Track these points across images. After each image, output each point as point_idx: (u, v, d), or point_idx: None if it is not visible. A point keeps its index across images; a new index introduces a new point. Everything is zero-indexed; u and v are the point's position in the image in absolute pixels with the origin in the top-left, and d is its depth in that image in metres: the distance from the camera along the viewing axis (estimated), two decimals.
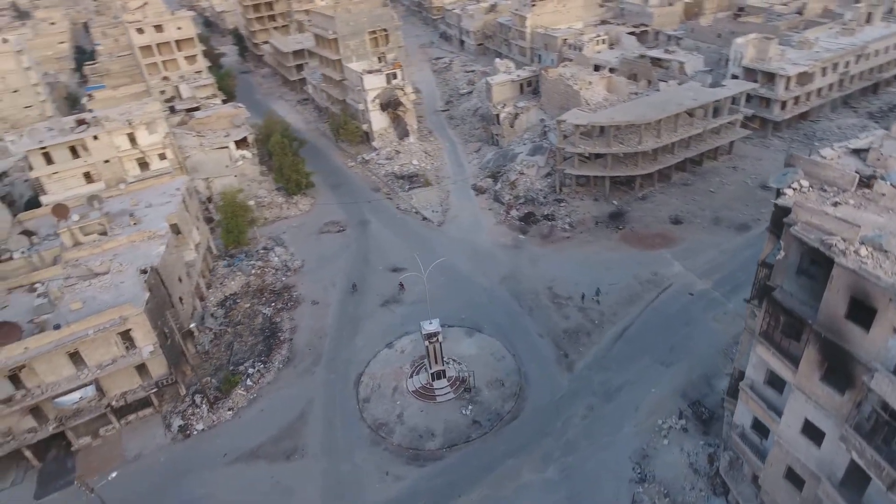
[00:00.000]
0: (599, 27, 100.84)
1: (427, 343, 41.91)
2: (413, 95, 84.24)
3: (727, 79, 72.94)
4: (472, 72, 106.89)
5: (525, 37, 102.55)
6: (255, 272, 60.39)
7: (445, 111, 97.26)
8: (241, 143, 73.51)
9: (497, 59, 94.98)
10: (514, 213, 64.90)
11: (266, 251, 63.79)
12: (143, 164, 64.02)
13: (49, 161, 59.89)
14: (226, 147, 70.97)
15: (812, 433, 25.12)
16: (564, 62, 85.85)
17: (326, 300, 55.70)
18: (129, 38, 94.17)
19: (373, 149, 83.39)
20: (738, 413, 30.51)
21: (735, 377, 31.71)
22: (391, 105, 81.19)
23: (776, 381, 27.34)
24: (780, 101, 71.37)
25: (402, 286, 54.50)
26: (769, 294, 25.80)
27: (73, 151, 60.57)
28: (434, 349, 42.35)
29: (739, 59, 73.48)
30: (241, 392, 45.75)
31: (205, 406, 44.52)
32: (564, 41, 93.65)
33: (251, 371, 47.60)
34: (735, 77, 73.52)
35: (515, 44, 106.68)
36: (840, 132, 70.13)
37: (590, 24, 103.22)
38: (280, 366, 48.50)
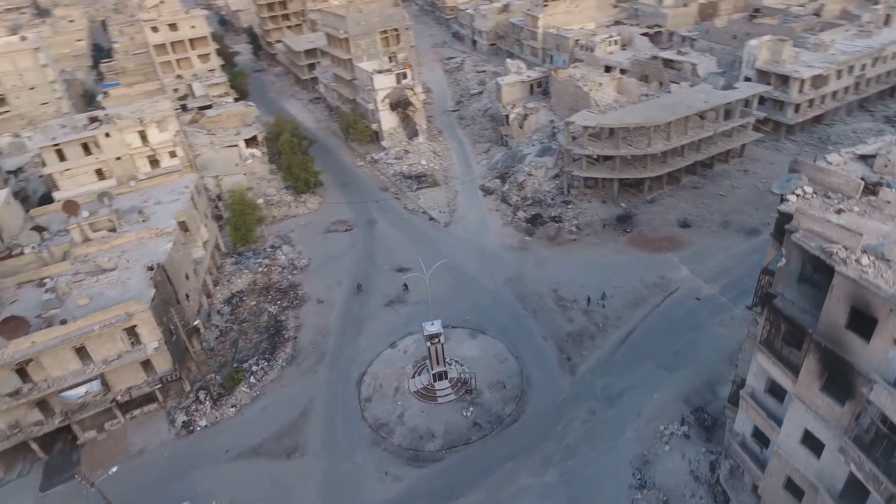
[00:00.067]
0: (612, 28, 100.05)
1: (429, 344, 41.89)
2: (423, 95, 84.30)
3: (740, 81, 72.02)
4: (484, 72, 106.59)
5: (537, 37, 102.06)
6: (262, 270, 60.78)
7: (456, 111, 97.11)
8: (251, 142, 74.08)
9: (508, 60, 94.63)
10: (522, 215, 64.65)
11: (273, 249, 64.17)
12: (154, 162, 64.71)
13: (62, 158, 60.82)
14: (236, 145, 71.58)
15: (812, 444, 24.74)
16: (576, 63, 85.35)
17: (331, 299, 55.90)
18: (145, 37, 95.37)
19: (382, 148, 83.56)
20: (739, 421, 30.12)
21: (737, 384, 31.30)
22: (401, 105, 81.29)
23: (777, 390, 26.94)
24: (794, 104, 70.31)
25: (407, 287, 54.52)
26: (770, 301, 25.44)
27: (86, 148, 61.39)
28: (436, 350, 42.31)
29: (753, 62, 72.49)
30: (245, 389, 46.10)
31: (208, 402, 44.90)
32: (576, 42, 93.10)
33: (255, 369, 47.92)
34: (748, 79, 72.54)
35: (527, 44, 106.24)
36: (855, 136, 68.90)
37: (602, 25, 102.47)
38: (284, 364, 48.77)
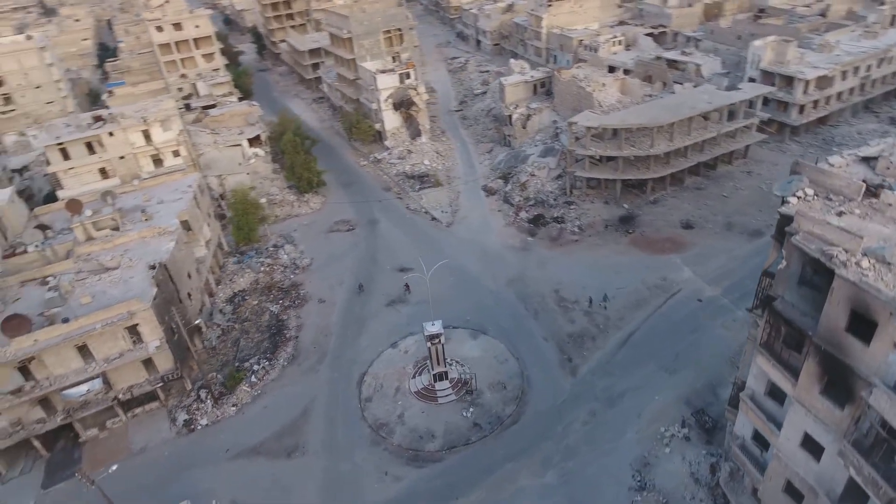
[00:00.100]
0: (617, 28, 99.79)
1: (429, 344, 41.86)
2: (426, 95, 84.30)
3: (744, 82, 71.67)
4: (487, 72, 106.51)
5: (541, 37, 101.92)
6: (265, 269, 60.90)
7: (459, 111, 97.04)
8: (255, 141, 74.24)
9: (512, 60, 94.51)
10: (524, 215, 64.57)
11: (276, 249, 64.27)
12: (158, 161, 64.93)
13: (66, 157, 61.10)
14: (239, 145, 71.77)
15: (811, 447, 24.66)
16: (579, 63, 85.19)
17: (333, 299, 55.95)
18: (150, 36, 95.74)
19: (385, 148, 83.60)
20: (739, 424, 30.03)
21: (737, 387, 31.18)
22: (404, 105, 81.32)
23: (777, 393, 26.84)
24: (799, 105, 69.93)
25: (408, 287, 54.50)
26: (770, 304, 25.33)
27: (90, 147, 61.66)
28: (436, 350, 42.30)
29: (757, 62, 72.16)
30: (246, 388, 46.19)
31: (209, 401, 45.02)
32: (580, 42, 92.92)
33: (256, 368, 48.01)
34: (752, 80, 72.20)
35: (531, 44, 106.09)
36: (860, 137, 68.45)
37: (607, 25, 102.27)
38: (285, 363, 48.84)
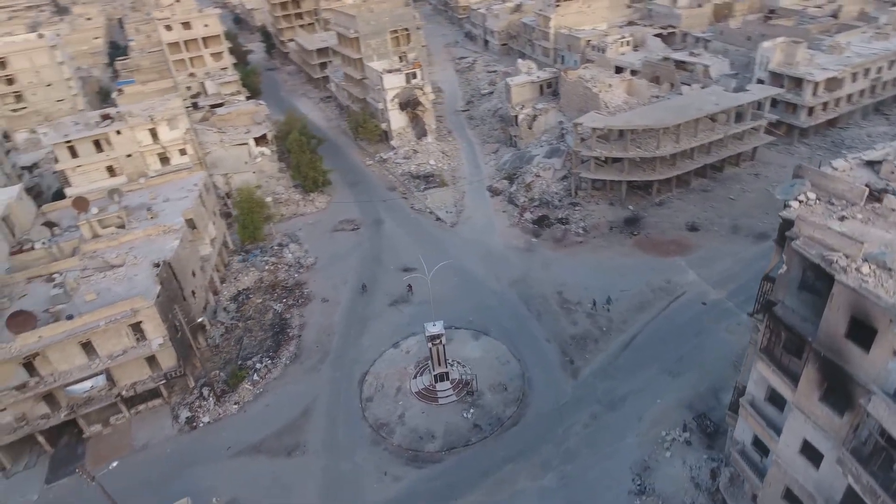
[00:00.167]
0: (625, 28, 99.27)
1: (430, 345, 41.87)
2: (432, 95, 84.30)
3: (753, 83, 71.05)
4: (495, 72, 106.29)
5: (548, 37, 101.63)
6: (269, 268, 61.16)
7: (466, 111, 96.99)
8: (261, 140, 74.51)
9: (519, 60, 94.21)
10: (528, 216, 64.40)
11: (280, 247, 64.54)
12: (164, 159, 65.40)
13: (74, 154, 61.74)
14: (245, 143, 72.05)
15: (810, 454, 24.37)
16: (586, 64, 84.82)
17: (336, 298, 56.09)
18: (159, 35, 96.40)
19: (391, 148, 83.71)
20: (739, 429, 29.75)
21: (738, 392, 30.91)
22: (410, 104, 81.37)
23: (777, 399, 26.57)
24: (808, 107, 69.24)
25: (411, 288, 54.50)
26: (770, 309, 25.09)
27: (97, 145, 62.29)
28: (437, 351, 42.28)
29: (766, 64, 71.52)
30: (248, 387, 46.40)
31: (212, 399, 45.27)
32: (588, 42, 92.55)
33: (259, 366, 48.22)
34: (761, 81, 71.58)
35: (539, 44, 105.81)
36: (870, 140, 67.74)
37: (615, 26, 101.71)
38: (287, 362, 49.01)
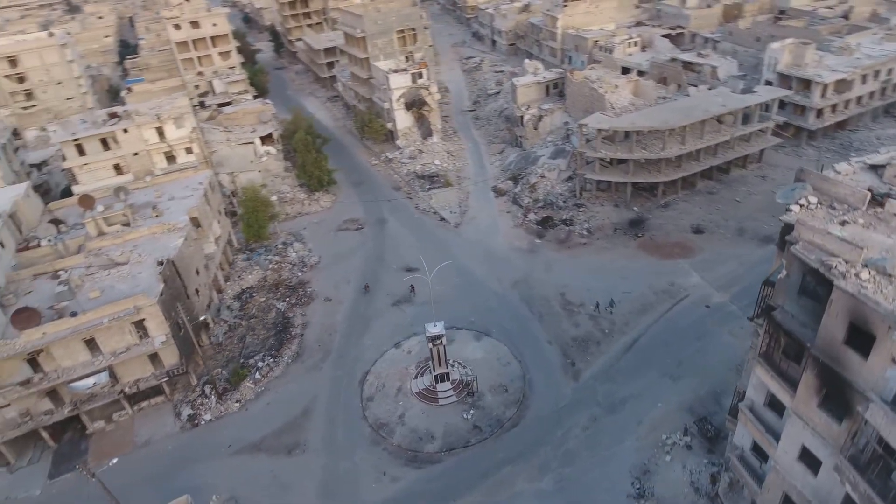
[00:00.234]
0: (633, 29, 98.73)
1: (431, 345, 41.85)
2: (438, 95, 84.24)
3: (761, 84, 70.46)
4: (502, 72, 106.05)
5: (556, 38, 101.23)
6: (273, 267, 61.39)
7: (472, 111, 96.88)
8: (267, 139, 74.83)
9: (526, 60, 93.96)
10: (532, 217, 64.22)
11: (285, 246, 64.76)
12: (171, 158, 65.84)
13: (81, 152, 62.22)
14: (251, 142, 72.36)
15: (809, 461, 24.17)
16: (592, 64, 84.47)
17: (339, 297, 56.21)
18: (168, 34, 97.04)
19: (396, 147, 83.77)
20: (738, 434, 29.53)
21: (738, 396, 30.67)
22: (416, 104, 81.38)
23: (776, 404, 26.34)
24: (816, 109, 68.55)
25: (413, 288, 54.49)
26: (769, 314, 24.86)
27: (104, 144, 62.78)
28: (438, 352, 42.26)
29: (774, 65, 70.89)
30: (250, 385, 46.60)
31: (213, 397, 45.49)
32: (595, 43, 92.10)
33: (260, 365, 48.40)
34: (769, 83, 70.96)
35: (546, 44, 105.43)
36: (879, 143, 66.92)
37: (623, 26, 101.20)
38: (289, 361, 49.16)
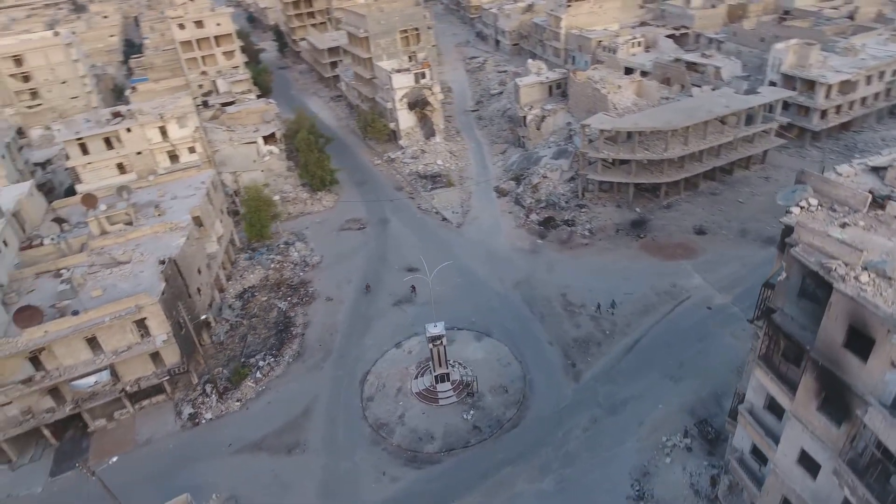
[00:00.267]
0: (637, 29, 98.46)
1: (431, 346, 41.85)
2: (440, 95, 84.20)
3: (765, 85, 70.16)
4: (505, 72, 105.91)
5: (559, 38, 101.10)
6: (275, 266, 61.49)
7: (475, 111, 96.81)
8: (270, 139, 74.94)
9: (529, 60, 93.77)
10: (534, 217, 64.13)
11: (287, 246, 64.85)
12: (174, 157, 66.05)
13: (85, 151, 62.47)
14: (254, 142, 72.50)
15: (808, 464, 24.04)
16: (595, 65, 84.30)
17: (340, 297, 56.27)
18: (172, 33, 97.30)
19: (399, 147, 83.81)
20: (738, 437, 29.41)
21: (738, 399, 30.55)
22: (418, 104, 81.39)
23: (776, 407, 26.22)
24: (820, 110, 68.18)
25: (414, 289, 54.48)
26: (769, 316, 24.76)
27: (108, 143, 63.02)
28: (438, 352, 42.25)
29: (778, 66, 70.55)
30: (250, 384, 46.70)
31: (214, 396, 45.62)
32: (599, 43, 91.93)
33: (262, 364, 48.50)
34: (773, 84, 70.66)
35: (550, 45, 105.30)
36: (884, 144, 66.59)
37: (627, 26, 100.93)
38: (290, 360, 49.25)
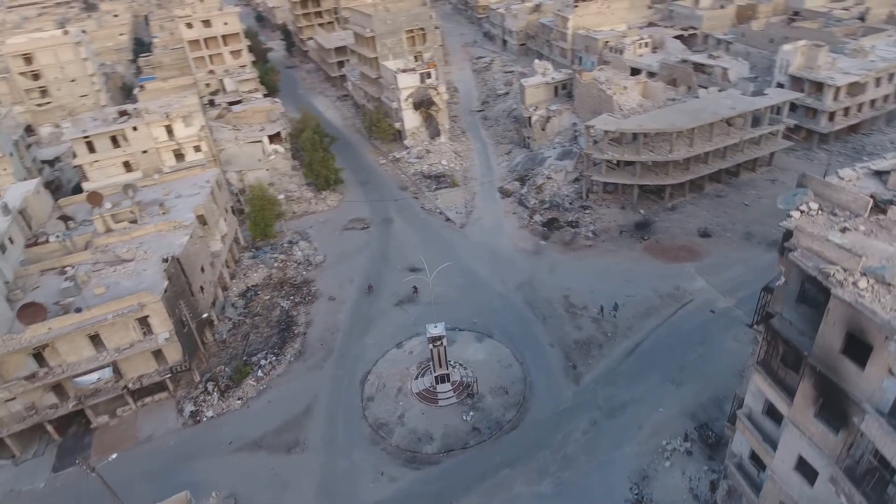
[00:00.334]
0: (645, 30, 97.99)
1: (431, 346, 41.84)
2: (446, 95, 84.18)
3: (773, 86, 69.61)
4: (511, 72, 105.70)
5: (566, 38, 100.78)
6: (278, 265, 61.71)
7: (481, 111, 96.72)
8: (275, 138, 75.21)
9: (536, 61, 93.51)
10: (538, 218, 63.95)
11: (290, 245, 65.08)
12: (179, 156, 66.45)
13: (91, 150, 62.97)
14: (259, 141, 72.78)
15: (806, 471, 23.83)
16: (601, 66, 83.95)
17: (343, 297, 56.38)
18: (180, 32, 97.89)
19: (404, 147, 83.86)
20: (736, 442, 29.19)
21: (737, 403, 30.32)
22: (424, 104, 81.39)
23: (774, 413, 26.00)
24: (828, 113, 67.53)
25: (416, 289, 54.50)
26: (767, 321, 24.54)
27: (114, 141, 63.49)
28: (438, 353, 42.24)
29: (786, 67, 69.96)
30: (252, 382, 46.86)
31: (216, 394, 45.84)
32: (605, 43, 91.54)
33: (263, 362, 48.67)
34: (780, 85, 70.07)
35: (557, 45, 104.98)
36: (893, 147, 65.93)
37: (635, 27, 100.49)
38: (291, 359, 49.39)
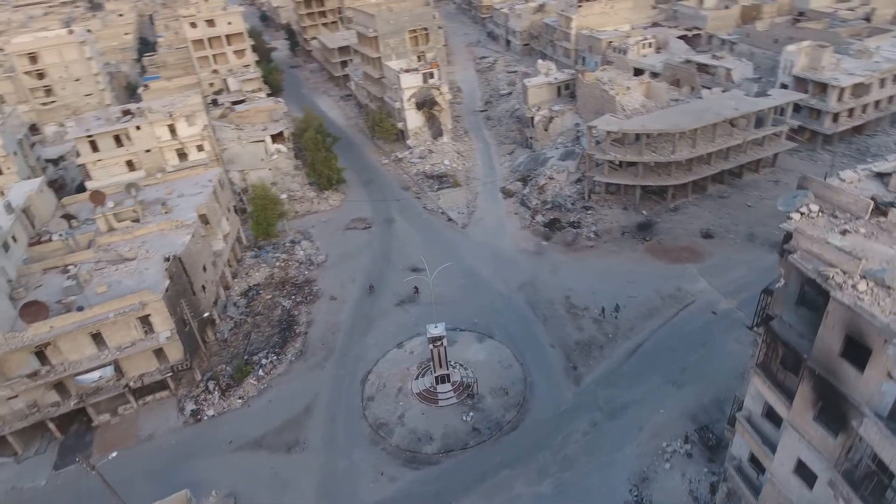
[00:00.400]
0: (649, 30, 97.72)
1: (431, 347, 41.85)
2: (449, 95, 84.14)
3: (777, 87, 69.33)
4: (515, 72, 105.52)
5: (570, 38, 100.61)
6: (280, 264, 61.80)
7: (484, 111, 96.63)
8: (278, 138, 75.33)
9: (539, 61, 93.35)
10: (540, 219, 63.86)
11: (293, 244, 65.17)
12: (182, 155, 66.65)
13: (95, 149, 63.23)
14: (262, 140, 72.92)
15: (805, 474, 23.73)
16: (604, 66, 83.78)
17: (344, 296, 56.44)
18: (184, 32, 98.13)
19: (407, 147, 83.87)
20: (736, 445, 29.10)
21: (737, 406, 30.22)
22: (426, 104, 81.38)
23: (773, 416, 25.89)
24: (832, 114, 67.23)
25: (417, 289, 54.52)
26: (767, 323, 24.46)
27: (117, 140, 63.72)
28: (438, 353, 42.24)
29: (790, 68, 69.67)
30: (253, 382, 46.96)
31: (217, 393, 45.96)
32: (609, 44, 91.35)
33: (264, 362, 48.76)
34: (784, 86, 69.78)
35: (560, 45, 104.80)
36: None
37: (639, 27, 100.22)
38: (292, 358, 49.47)
